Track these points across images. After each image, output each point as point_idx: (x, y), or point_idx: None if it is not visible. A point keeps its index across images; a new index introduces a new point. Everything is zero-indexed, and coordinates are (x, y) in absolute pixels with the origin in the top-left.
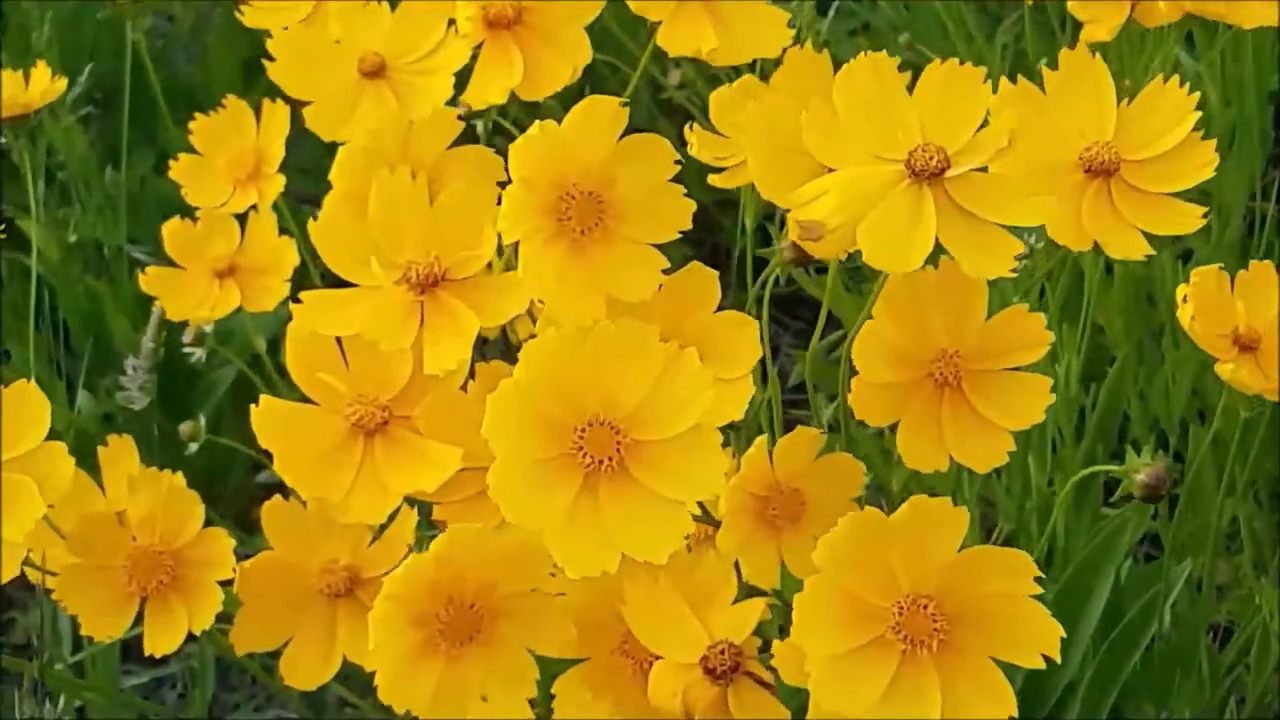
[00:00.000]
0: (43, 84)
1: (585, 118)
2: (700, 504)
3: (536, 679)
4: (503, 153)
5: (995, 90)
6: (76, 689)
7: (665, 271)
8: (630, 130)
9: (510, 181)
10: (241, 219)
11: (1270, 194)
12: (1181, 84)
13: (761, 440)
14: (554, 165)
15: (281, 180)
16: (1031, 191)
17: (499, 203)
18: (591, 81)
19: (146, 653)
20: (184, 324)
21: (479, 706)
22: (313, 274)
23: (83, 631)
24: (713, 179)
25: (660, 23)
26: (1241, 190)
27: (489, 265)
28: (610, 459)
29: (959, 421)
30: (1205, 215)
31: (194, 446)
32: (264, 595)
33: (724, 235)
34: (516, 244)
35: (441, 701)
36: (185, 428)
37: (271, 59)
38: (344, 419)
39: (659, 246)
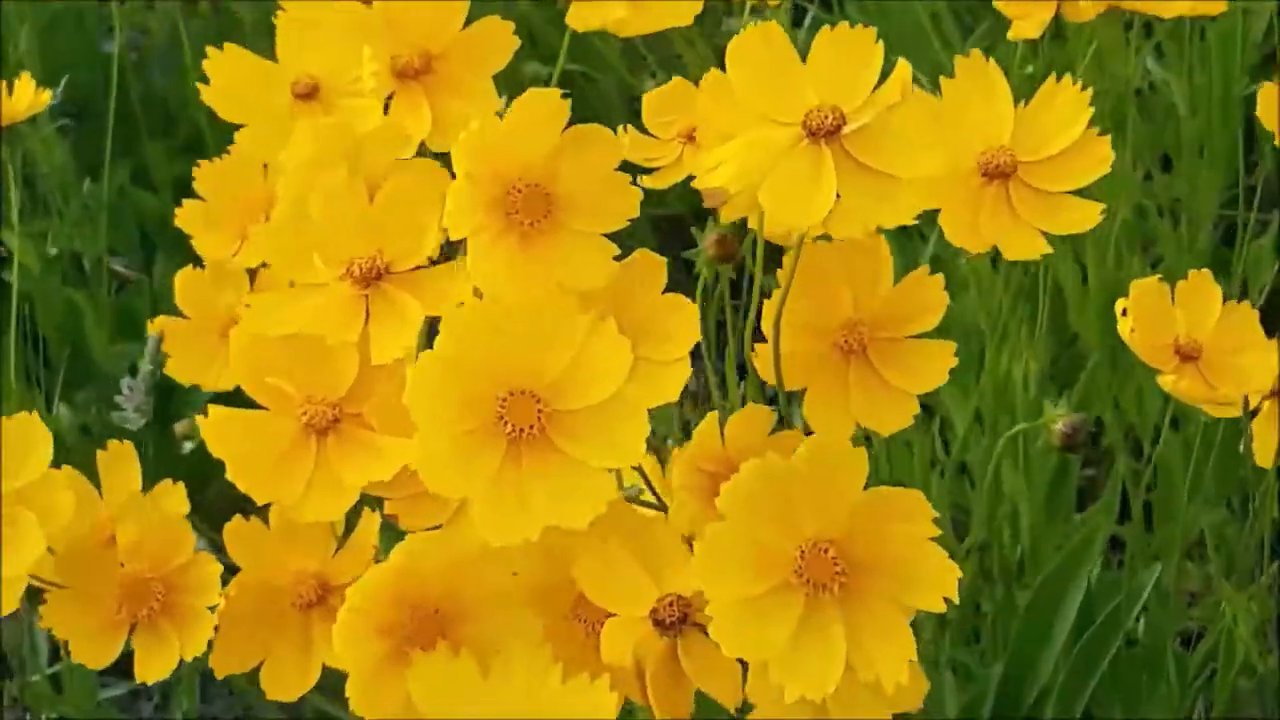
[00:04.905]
0: (27, 96)
1: (527, 111)
2: (650, 486)
3: None
4: None
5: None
6: (54, 703)
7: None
8: None
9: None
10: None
11: (1244, 202)
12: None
13: (713, 416)
14: (498, 159)
15: None
16: (925, 143)
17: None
18: (570, 91)
19: (138, 679)
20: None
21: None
22: None
23: (74, 658)
24: (644, 180)
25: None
26: (1212, 199)
27: (446, 258)
28: (531, 427)
29: (865, 388)
30: (1103, 212)
31: (189, 445)
32: (237, 617)
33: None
34: (465, 240)
35: (415, 710)
36: (181, 426)
37: (206, 82)
38: (294, 420)
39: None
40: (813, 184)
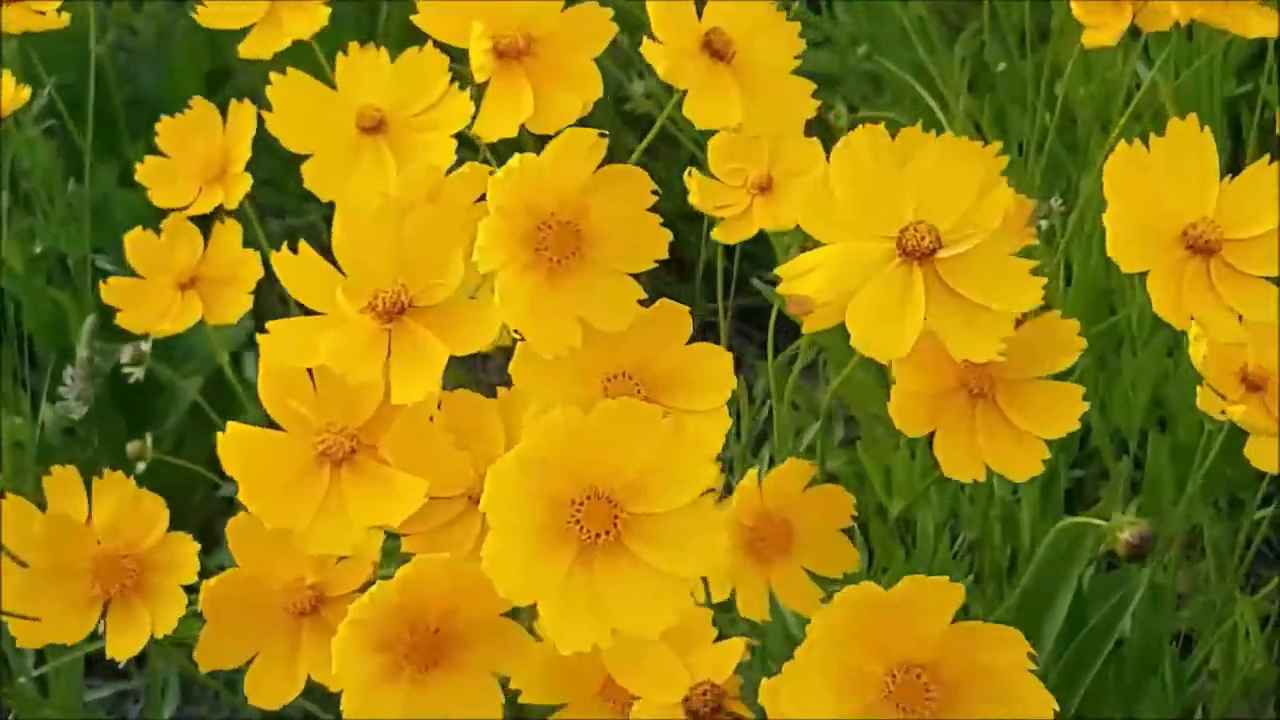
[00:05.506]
0: (8, 92)
1: (564, 148)
2: None
3: (503, 703)
4: None
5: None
6: (39, 706)
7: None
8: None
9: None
10: (206, 230)
11: None
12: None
13: (753, 473)
14: (531, 194)
15: (248, 180)
16: (1020, 272)
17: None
18: None
19: (109, 656)
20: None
21: None
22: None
23: (20, 634)
24: (715, 232)
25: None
26: None
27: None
28: (606, 532)
29: (993, 431)
30: None
31: (141, 466)
32: (229, 613)
33: (689, 249)
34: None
35: None
36: (133, 447)
37: (269, 109)
38: (311, 447)
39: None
40: (900, 308)
